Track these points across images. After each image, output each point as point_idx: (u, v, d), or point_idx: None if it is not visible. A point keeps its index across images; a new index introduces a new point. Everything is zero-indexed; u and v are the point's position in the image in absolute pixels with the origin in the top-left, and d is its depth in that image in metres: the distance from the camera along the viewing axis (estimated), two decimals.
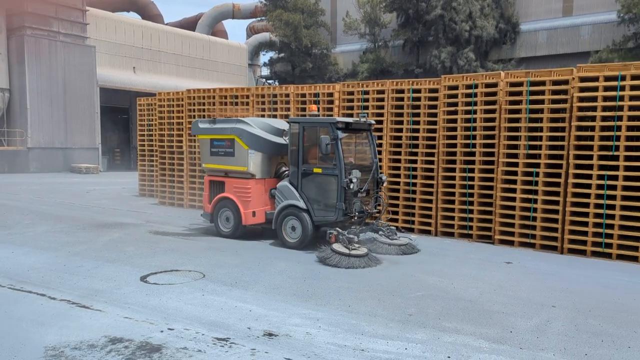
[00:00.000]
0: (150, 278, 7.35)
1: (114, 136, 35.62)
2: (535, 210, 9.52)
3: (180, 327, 5.46)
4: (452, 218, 10.63)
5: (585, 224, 9.01)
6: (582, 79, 8.92)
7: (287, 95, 12.49)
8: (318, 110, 10.31)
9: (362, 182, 8.96)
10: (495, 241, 10.01)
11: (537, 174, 9.44)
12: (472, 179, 10.26)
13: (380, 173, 9.51)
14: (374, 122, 9.78)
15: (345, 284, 7.17)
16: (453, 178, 10.53)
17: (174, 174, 14.92)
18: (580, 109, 9.01)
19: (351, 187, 8.66)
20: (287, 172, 9.92)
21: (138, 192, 17.60)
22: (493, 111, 9.92)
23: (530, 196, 9.57)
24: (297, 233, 9.21)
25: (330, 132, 8.74)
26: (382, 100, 11.27)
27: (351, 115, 11.50)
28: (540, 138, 9.44)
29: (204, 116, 13.88)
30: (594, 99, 8.84)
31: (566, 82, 9.15)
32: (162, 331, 5.36)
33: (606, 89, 8.70)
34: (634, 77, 8.49)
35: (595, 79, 8.80)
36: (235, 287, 6.98)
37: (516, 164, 9.71)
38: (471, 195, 10.28)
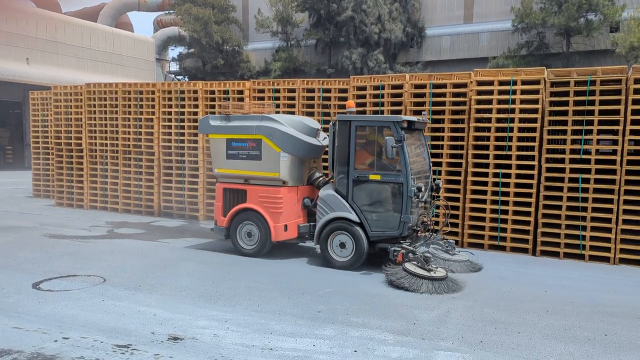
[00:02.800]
0: (43, 284, 6.84)
1: (5, 133, 32.82)
2: (437, 207, 9.98)
3: (77, 336, 5.13)
4: None
5: (484, 219, 9.59)
6: (479, 83, 9.51)
7: (195, 92, 12.16)
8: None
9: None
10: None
11: (440, 172, 9.90)
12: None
13: (437, 179, 8.49)
14: (428, 121, 8.88)
15: (256, 283, 7.10)
16: None
17: (72, 172, 14.00)
18: (478, 110, 9.57)
19: (420, 196, 7.62)
20: (321, 178, 8.80)
21: (32, 192, 16.34)
22: (399, 112, 10.26)
23: (432, 194, 9.99)
24: (348, 250, 7.91)
25: (395, 132, 7.50)
26: (293, 99, 11.30)
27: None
28: (442, 138, 9.91)
29: (105, 112, 13.17)
30: (490, 101, 9.45)
31: (465, 85, 9.69)
32: (56, 341, 5.00)
33: (500, 92, 9.32)
34: (524, 82, 9.19)
35: (491, 82, 9.41)
36: (139, 291, 6.67)
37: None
38: None
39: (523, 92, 9.23)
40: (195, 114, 12.14)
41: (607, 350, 5.06)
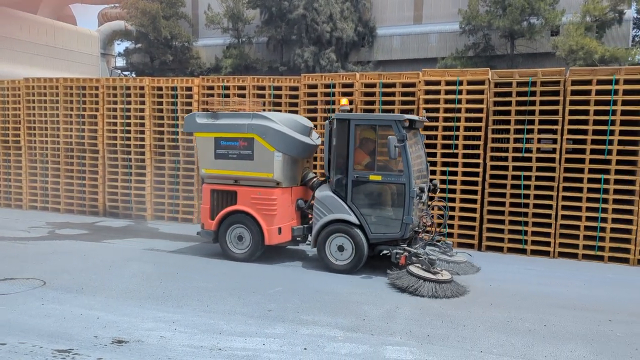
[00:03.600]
0: None
1: None
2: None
3: (14, 341, 4.89)
4: None
5: (431, 215, 9.78)
6: (427, 83, 9.72)
7: (142, 88, 11.82)
8: (351, 104, 8.72)
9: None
10: None
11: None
12: None
13: (434, 180, 8.31)
14: (427, 120, 8.69)
15: (205, 284, 6.99)
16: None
17: (10, 171, 13.33)
18: (426, 109, 9.77)
19: (422, 197, 7.46)
20: (315, 179, 8.57)
21: None
22: (350, 111, 10.26)
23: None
24: (347, 254, 7.65)
25: (397, 132, 7.28)
26: (243, 96, 11.16)
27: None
28: None
29: (45, 107, 12.62)
30: (437, 100, 9.67)
31: (414, 84, 9.88)
32: None
33: (447, 92, 9.56)
34: (469, 83, 9.46)
35: (438, 82, 9.63)
36: (81, 293, 6.43)
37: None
38: None
39: (469, 92, 9.50)
40: (142, 110, 11.82)
41: (546, 340, 5.28)
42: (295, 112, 10.71)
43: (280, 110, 10.79)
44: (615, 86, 8.66)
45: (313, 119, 10.64)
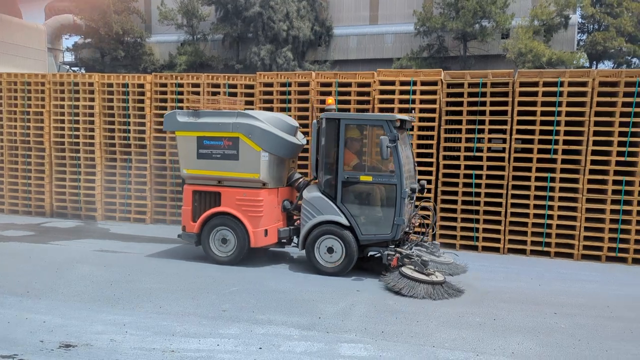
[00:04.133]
0: None
1: None
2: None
3: None
4: None
5: None
6: (382, 83, 9.85)
7: (92, 85, 11.44)
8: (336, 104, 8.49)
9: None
10: None
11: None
12: None
13: (421, 180, 8.13)
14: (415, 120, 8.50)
15: (158, 285, 6.85)
16: None
17: None
18: (381, 109, 9.88)
19: (413, 198, 7.43)
20: (302, 179, 8.40)
21: None
22: (306, 109, 10.36)
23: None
24: (337, 256, 7.53)
25: (388, 132, 7.19)
26: (197, 94, 10.99)
27: (165, 109, 11.04)
28: None
29: None
30: (392, 100, 9.80)
31: (369, 84, 9.99)
32: None
33: (401, 92, 9.71)
34: (423, 83, 9.65)
35: (393, 83, 9.78)
36: (26, 297, 6.18)
37: None
38: None
39: (422, 92, 9.68)
40: (92, 107, 11.45)
41: (496, 333, 5.45)
42: (183, 109, 10.64)
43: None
44: (560, 88, 9.02)
45: None
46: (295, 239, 8.19)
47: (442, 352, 4.94)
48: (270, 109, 10.52)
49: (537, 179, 9.23)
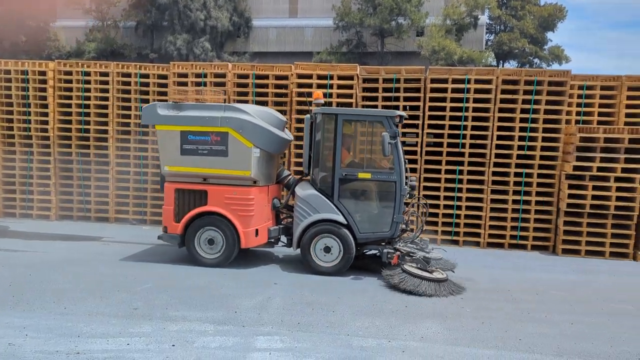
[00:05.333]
0: None
1: None
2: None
3: None
4: None
5: None
6: (299, 76, 9.90)
7: None
8: (325, 96, 8.12)
9: None
10: None
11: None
12: None
13: (411, 177, 7.81)
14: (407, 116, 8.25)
15: (62, 284, 6.46)
16: None
17: None
18: (299, 102, 9.92)
19: (414, 195, 7.31)
20: (291, 176, 8.13)
21: None
22: (225, 100, 10.16)
23: None
24: (334, 255, 7.34)
25: (388, 128, 7.06)
26: (106, 83, 10.48)
27: (70, 99, 10.44)
28: None
29: None
30: (310, 94, 9.84)
31: (286, 77, 10.00)
32: None
33: (319, 86, 9.81)
34: (340, 77, 9.82)
35: (310, 76, 9.85)
36: None
37: None
38: None
39: (339, 86, 9.83)
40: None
41: (407, 320, 5.67)
42: (165, 102, 10.29)
43: (148, 101, 10.30)
44: (467, 85, 9.51)
45: None
46: (283, 239, 7.99)
47: (356, 340, 5.07)
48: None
49: (447, 171, 9.69)
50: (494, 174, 9.67)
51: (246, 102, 10.01)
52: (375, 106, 9.67)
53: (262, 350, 4.77)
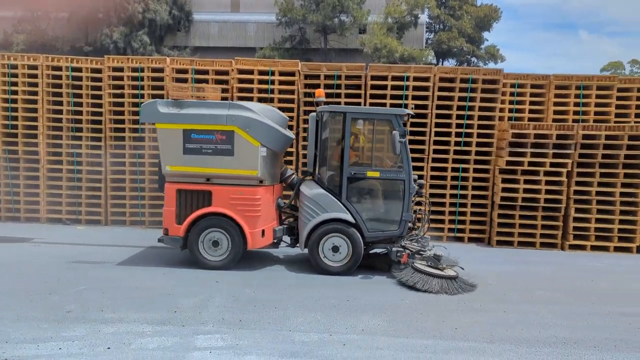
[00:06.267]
0: None
1: None
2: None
3: None
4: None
5: None
6: (240, 71, 9.80)
7: None
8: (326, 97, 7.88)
9: None
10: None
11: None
12: (141, 164, 10.10)
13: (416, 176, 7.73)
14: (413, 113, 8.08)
15: None
16: (122, 165, 10.18)
17: None
18: (240, 98, 9.82)
19: (422, 193, 7.39)
20: (294, 175, 7.98)
21: None
22: (161, 96, 9.91)
23: None
24: (343, 254, 7.28)
25: (397, 126, 7.05)
26: (35, 77, 9.97)
27: None
28: None
29: None
30: (251, 90, 9.79)
31: (227, 72, 9.86)
32: None
33: (260, 82, 9.75)
34: (281, 73, 9.79)
35: (251, 72, 9.77)
36: None
37: None
38: (142, 182, 10.12)
39: (281, 82, 9.81)
40: None
41: (348, 313, 5.75)
42: (100, 97, 9.95)
43: (81, 96, 9.90)
44: (406, 82, 9.72)
45: (121, 104, 10.01)
46: (287, 239, 7.90)
47: (297, 335, 5.09)
48: (123, 95, 9.92)
49: None
50: (432, 169, 9.95)
51: (320, 102, 9.80)
52: (318, 103, 9.69)
53: (202, 349, 4.70)
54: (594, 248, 9.43)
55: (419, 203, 9.00)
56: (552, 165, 9.36)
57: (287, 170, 8.06)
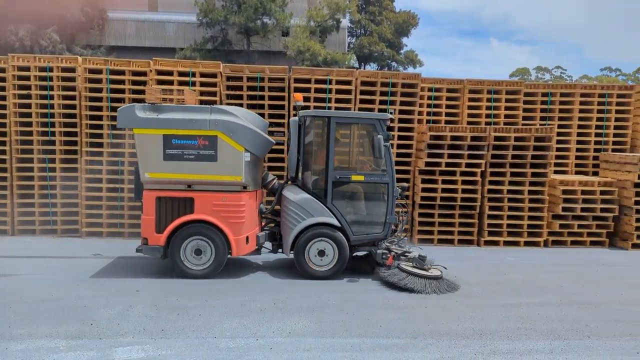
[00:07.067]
0: None
1: None
2: (122, 199, 9.58)
3: None
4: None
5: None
6: (159, 72, 9.50)
7: None
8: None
9: None
10: (82, 234, 9.59)
11: (123, 163, 9.50)
12: (52, 170, 9.52)
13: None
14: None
15: None
16: (31, 170, 9.53)
17: None
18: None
19: (405, 196, 7.40)
20: (275, 180, 7.80)
21: None
22: (73, 97, 9.42)
23: (116, 185, 9.56)
24: (329, 258, 7.26)
25: (381, 131, 7.13)
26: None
27: None
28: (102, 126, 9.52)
29: None
30: (170, 91, 9.46)
31: (145, 73, 9.51)
32: None
33: (180, 83, 9.51)
34: (202, 74, 9.61)
35: (171, 73, 9.50)
36: None
37: (101, 153, 9.51)
38: (53, 187, 9.54)
39: (202, 84, 9.62)
40: None
41: (275, 317, 5.71)
42: (4, 98, 9.27)
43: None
44: (329, 85, 9.86)
45: (27, 106, 9.37)
46: (268, 245, 7.83)
47: (223, 342, 4.99)
48: (29, 96, 9.29)
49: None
50: None
51: (100, 100, 9.36)
52: (241, 104, 9.61)
53: None
54: (506, 243, 9.99)
55: (398, 205, 9.22)
56: (467, 165, 9.81)
57: (269, 175, 7.97)
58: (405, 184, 7.80)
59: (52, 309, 5.72)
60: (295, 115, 7.61)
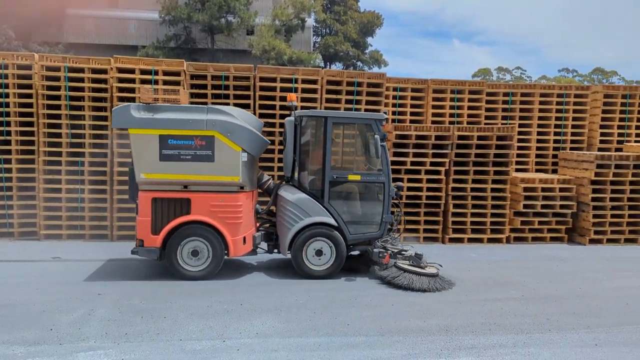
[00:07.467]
0: None
1: None
2: (82, 200, 9.31)
3: None
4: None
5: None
6: (120, 70, 9.27)
7: None
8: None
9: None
10: (41, 237, 9.27)
11: (83, 164, 9.24)
12: (8, 170, 9.17)
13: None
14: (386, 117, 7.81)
15: None
16: None
17: None
18: (121, 99, 9.25)
19: (401, 195, 7.51)
20: (271, 181, 7.77)
21: None
22: (30, 95, 9.10)
23: (76, 186, 9.29)
24: (326, 257, 7.33)
25: (377, 131, 7.18)
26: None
27: None
28: (83, 126, 9.24)
29: None
30: (132, 90, 9.30)
31: (106, 71, 9.27)
32: None
33: (142, 81, 9.29)
34: (165, 73, 9.42)
35: (133, 71, 9.28)
36: None
37: (60, 153, 9.22)
38: (9, 189, 9.18)
39: (165, 82, 9.44)
40: None
41: (242, 318, 5.66)
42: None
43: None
44: (295, 85, 9.83)
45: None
46: (264, 245, 7.83)
47: (189, 344, 4.91)
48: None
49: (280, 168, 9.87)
50: None
51: (58, 98, 9.08)
52: (205, 103, 9.48)
53: None
54: (470, 240, 10.18)
55: (393, 205, 9.30)
56: (432, 164, 9.94)
57: (264, 175, 7.91)
58: (400, 184, 7.86)
59: (8, 315, 5.51)
60: (290, 115, 7.62)
